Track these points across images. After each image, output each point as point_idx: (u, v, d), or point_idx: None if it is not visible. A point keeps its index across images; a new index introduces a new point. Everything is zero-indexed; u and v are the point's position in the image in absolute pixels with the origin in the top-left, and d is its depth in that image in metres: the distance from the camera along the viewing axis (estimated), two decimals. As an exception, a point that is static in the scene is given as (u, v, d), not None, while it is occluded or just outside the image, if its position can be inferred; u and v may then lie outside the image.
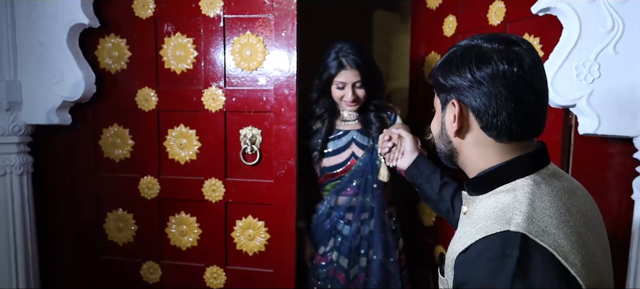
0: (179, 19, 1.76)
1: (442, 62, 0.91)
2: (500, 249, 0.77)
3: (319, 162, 1.78)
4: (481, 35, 0.88)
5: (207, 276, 1.84)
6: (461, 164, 0.96)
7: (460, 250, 0.83)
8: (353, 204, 1.77)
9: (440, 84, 0.90)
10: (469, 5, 1.87)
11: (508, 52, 0.82)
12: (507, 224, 0.79)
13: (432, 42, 2.16)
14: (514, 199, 0.83)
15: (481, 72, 0.84)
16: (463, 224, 0.92)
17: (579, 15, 1.32)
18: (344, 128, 1.79)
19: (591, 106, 1.34)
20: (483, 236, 0.80)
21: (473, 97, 0.86)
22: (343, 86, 1.68)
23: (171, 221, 1.86)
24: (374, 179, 1.75)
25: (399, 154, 1.43)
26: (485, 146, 0.89)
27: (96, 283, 1.93)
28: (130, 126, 1.84)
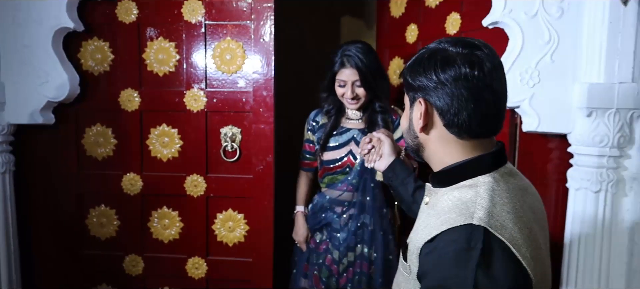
0: (162, 24, 1.86)
1: (411, 63, 0.96)
2: (465, 242, 0.81)
3: (319, 155, 1.87)
4: (448, 39, 0.93)
5: (189, 266, 1.95)
6: (427, 158, 1.01)
7: (426, 239, 0.87)
8: (345, 198, 1.84)
9: (409, 84, 0.95)
10: (429, 15, 2.06)
11: (470, 56, 0.88)
12: (470, 217, 0.84)
13: (396, 48, 2.35)
14: (476, 194, 0.88)
15: (445, 74, 0.89)
16: (426, 214, 0.97)
17: (522, 29, 1.52)
18: (347, 126, 1.85)
19: (533, 107, 1.55)
20: (448, 228, 0.84)
21: (437, 97, 0.90)
22: (344, 84, 1.75)
23: (154, 216, 1.95)
24: (372, 179, 1.81)
25: (377, 156, 1.47)
26: (448, 142, 0.94)
27: (78, 276, 1.99)
28: (113, 125, 1.92)
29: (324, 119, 1.88)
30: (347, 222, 1.85)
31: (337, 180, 1.85)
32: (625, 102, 1.46)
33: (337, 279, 1.86)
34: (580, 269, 1.53)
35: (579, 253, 1.53)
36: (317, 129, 1.88)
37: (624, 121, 1.48)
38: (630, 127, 1.48)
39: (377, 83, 1.78)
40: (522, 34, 1.53)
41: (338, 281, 1.86)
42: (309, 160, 1.94)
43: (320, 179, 1.92)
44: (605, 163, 1.50)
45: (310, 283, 1.90)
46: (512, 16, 1.54)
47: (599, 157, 1.50)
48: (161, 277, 1.98)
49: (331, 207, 1.86)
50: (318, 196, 1.92)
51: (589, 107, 1.48)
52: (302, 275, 1.93)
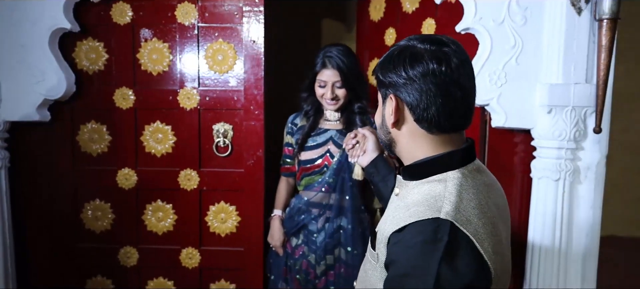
0: (156, 26, 1.95)
1: (382, 61, 0.98)
2: (431, 234, 0.83)
3: (297, 156, 1.87)
4: (417, 36, 0.95)
5: (183, 256, 2.05)
6: (398, 152, 1.03)
7: (394, 229, 0.89)
8: (320, 200, 1.83)
9: (381, 81, 0.97)
10: (406, 20, 2.22)
11: (438, 52, 0.88)
12: (438, 211, 0.85)
13: (375, 50, 2.50)
14: (445, 189, 0.90)
15: (414, 70, 0.90)
16: (395, 206, 0.99)
17: (491, 34, 1.70)
18: (325, 127, 1.86)
19: (500, 104, 1.72)
20: (417, 220, 0.86)
21: (407, 93, 0.92)
22: (324, 85, 1.76)
23: (148, 209, 2.04)
24: (349, 178, 1.80)
25: (361, 151, 1.48)
26: (419, 136, 0.95)
27: (74, 269, 2.06)
28: (108, 122, 2.00)
29: (302, 121, 1.89)
30: (324, 225, 1.84)
31: (314, 181, 1.84)
32: (580, 101, 1.65)
33: (314, 283, 1.85)
34: (543, 246, 1.72)
35: (543, 233, 1.72)
36: (295, 131, 1.89)
37: (579, 117, 1.67)
38: (584, 122, 1.68)
39: (356, 85, 1.81)
40: (491, 39, 1.70)
41: (315, 285, 1.86)
42: (289, 164, 1.93)
43: (298, 182, 1.91)
44: (563, 155, 1.69)
45: (291, 287, 1.91)
46: (482, 23, 1.71)
47: (558, 150, 1.69)
48: (156, 267, 2.06)
49: (308, 209, 1.85)
50: (295, 199, 1.91)
51: (549, 105, 1.67)
52: (281, 279, 1.93)
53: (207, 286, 2.07)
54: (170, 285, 2.07)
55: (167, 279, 2.07)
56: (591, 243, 1.76)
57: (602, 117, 1.63)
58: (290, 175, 1.95)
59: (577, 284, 1.76)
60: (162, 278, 2.07)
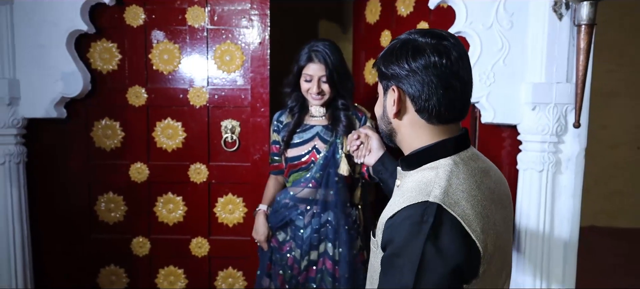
0: (167, 28, 2.06)
1: (384, 53, 1.00)
2: (419, 216, 0.87)
3: (284, 153, 1.87)
4: (417, 31, 0.97)
5: (193, 245, 2.17)
6: (399, 142, 1.06)
7: (389, 215, 0.93)
8: (307, 196, 1.82)
9: (382, 73, 1.00)
10: (401, 23, 2.36)
11: (438, 46, 0.92)
12: (427, 195, 0.89)
13: (371, 50, 2.64)
14: (436, 175, 0.93)
15: (416, 62, 0.93)
16: (394, 195, 1.02)
17: (480, 37, 1.84)
18: (311, 123, 1.85)
19: (489, 102, 1.87)
20: (407, 205, 0.90)
21: (409, 84, 0.95)
22: (310, 79, 1.75)
23: (159, 201, 2.15)
24: (335, 173, 1.80)
25: (366, 151, 1.50)
26: (419, 127, 0.98)
27: (88, 259, 2.17)
28: (121, 119, 2.11)
29: (288, 118, 1.88)
30: (310, 220, 1.83)
31: (301, 177, 1.83)
32: (561, 98, 1.81)
33: (297, 278, 1.85)
34: (529, 231, 1.88)
35: (528, 219, 1.88)
36: (281, 128, 1.88)
37: (561, 113, 1.83)
38: (565, 118, 1.84)
39: (341, 81, 1.79)
40: (480, 42, 1.85)
41: (298, 279, 1.85)
42: (277, 162, 1.92)
43: (286, 178, 1.91)
44: (546, 148, 1.85)
45: (275, 283, 1.90)
46: (472, 27, 1.85)
47: (542, 143, 1.84)
48: (167, 256, 2.18)
49: (295, 205, 1.83)
50: (281, 194, 1.89)
51: (534, 103, 1.82)
52: (265, 274, 1.93)
53: (215, 273, 2.20)
54: (181, 273, 2.19)
55: (178, 268, 2.19)
56: (572, 228, 1.92)
57: (581, 113, 1.79)
58: (279, 173, 1.94)
59: (559, 266, 1.92)
60: (173, 266, 2.19)
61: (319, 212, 1.82)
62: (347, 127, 1.80)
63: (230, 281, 2.20)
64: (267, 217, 1.90)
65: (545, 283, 1.91)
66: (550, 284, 1.92)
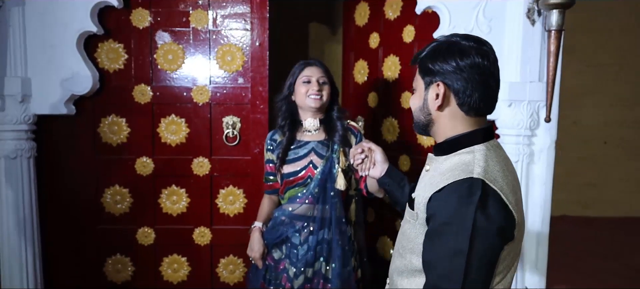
0: (172, 29, 2.19)
1: (429, 52, 1.12)
2: (466, 190, 1.00)
3: (279, 170, 1.84)
4: (458, 35, 1.11)
5: (196, 235, 2.30)
6: (434, 132, 1.17)
7: (435, 190, 1.05)
8: (304, 212, 1.80)
9: (428, 69, 1.11)
10: (388, 26, 2.53)
11: (480, 49, 1.05)
12: (470, 173, 1.02)
13: (360, 52, 2.80)
14: (474, 157, 1.06)
15: (463, 62, 1.05)
16: (428, 177, 1.15)
17: (462, 41, 2.03)
18: (305, 139, 1.84)
19: (470, 99, 2.06)
20: (453, 181, 1.03)
21: (455, 81, 1.07)
22: (308, 80, 1.77)
23: (163, 193, 2.28)
24: (332, 188, 1.79)
25: (371, 164, 1.53)
26: (457, 118, 1.11)
27: (94, 249, 2.28)
28: (127, 115, 2.23)
29: (281, 137, 1.87)
30: (307, 237, 1.80)
31: (297, 193, 1.82)
32: (534, 96, 2.01)
33: None
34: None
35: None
36: (276, 147, 1.87)
37: (534, 110, 2.03)
38: (537, 114, 2.04)
39: (334, 89, 1.85)
40: (463, 44, 2.04)
41: None
42: (272, 181, 1.91)
43: (281, 196, 1.89)
44: (521, 141, 2.05)
45: None
46: (455, 31, 2.03)
47: (517, 136, 2.04)
48: (171, 245, 2.31)
49: (291, 222, 1.81)
50: (278, 211, 1.87)
51: (510, 100, 2.02)
52: None
53: (217, 260, 2.33)
54: (184, 261, 2.32)
55: (181, 256, 2.32)
56: (544, 215, 2.13)
57: (552, 109, 1.99)
58: (273, 192, 1.93)
59: (533, 251, 2.12)
60: (177, 254, 2.32)
61: (316, 229, 1.80)
62: (343, 138, 1.81)
63: (231, 268, 2.34)
64: (263, 234, 1.87)
65: (519, 267, 2.10)
66: (524, 268, 2.13)
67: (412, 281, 1.15)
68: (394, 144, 2.49)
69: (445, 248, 1.01)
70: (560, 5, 1.80)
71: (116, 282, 2.31)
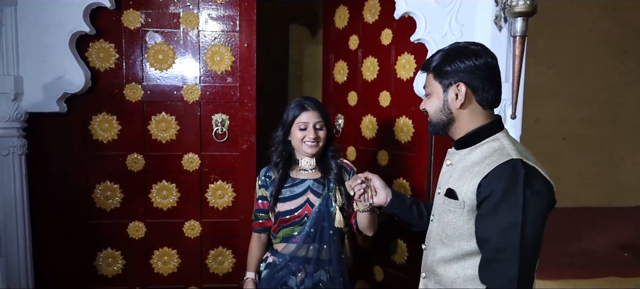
0: (162, 30, 2.28)
1: (444, 57, 1.25)
2: (511, 170, 1.13)
3: (273, 208, 1.83)
4: (461, 42, 1.27)
5: (186, 228, 2.39)
6: (454, 128, 1.29)
7: (481, 177, 1.17)
8: (300, 253, 1.78)
9: (446, 72, 1.23)
10: (367, 28, 2.69)
11: (488, 51, 1.22)
12: (508, 156, 1.15)
13: (340, 53, 2.94)
14: (501, 144, 1.20)
15: (479, 61, 1.19)
16: (458, 169, 1.26)
17: (437, 44, 2.20)
18: (301, 177, 1.84)
19: (444, 98, 2.24)
20: (496, 166, 1.15)
21: (474, 79, 1.20)
22: (305, 127, 1.75)
23: (154, 188, 2.36)
24: (330, 226, 1.78)
25: (373, 192, 1.58)
26: (476, 113, 1.24)
27: (86, 243, 2.33)
28: (118, 113, 2.29)
29: (275, 174, 1.86)
30: (303, 279, 1.77)
31: (293, 232, 1.80)
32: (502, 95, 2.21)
33: None
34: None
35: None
36: (269, 184, 1.86)
37: (501, 108, 2.21)
38: (504, 111, 2.23)
39: (329, 130, 1.83)
40: (437, 48, 2.21)
41: None
42: (263, 219, 1.89)
43: (273, 234, 1.86)
44: (490, 136, 2.24)
45: None
46: (430, 35, 2.21)
47: (486, 132, 2.23)
48: (161, 239, 2.39)
49: (286, 264, 1.79)
50: (274, 256, 1.84)
51: (480, 98, 2.21)
52: None
53: (207, 252, 2.43)
54: (174, 253, 2.41)
55: (171, 248, 2.41)
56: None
57: (517, 107, 2.20)
58: (264, 231, 1.91)
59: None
60: (167, 247, 2.40)
61: (311, 271, 1.77)
62: (338, 176, 1.83)
63: (220, 259, 2.44)
64: (256, 285, 1.86)
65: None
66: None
67: (463, 265, 1.27)
68: (373, 141, 2.65)
69: (501, 224, 1.14)
70: (524, 13, 2.00)
71: (107, 276, 2.37)
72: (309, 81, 3.55)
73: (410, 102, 2.36)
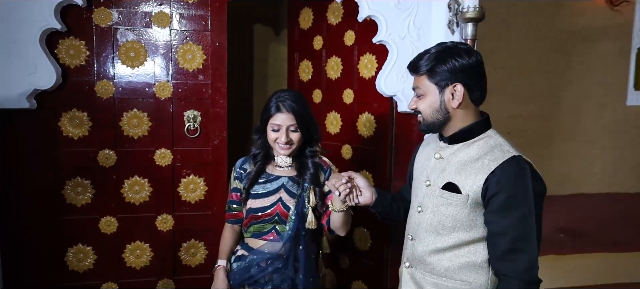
0: (134, 28, 2.32)
1: (436, 57, 1.26)
2: (517, 166, 1.19)
3: (245, 203, 1.80)
4: (447, 42, 1.31)
5: (159, 221, 2.45)
6: (448, 127, 1.32)
7: (488, 173, 1.22)
8: (270, 249, 1.75)
9: (441, 72, 1.26)
10: (331, 30, 2.84)
11: (474, 50, 1.27)
12: (509, 153, 1.21)
13: (304, 53, 3.08)
14: (497, 140, 1.26)
15: (471, 60, 1.22)
16: (450, 164, 1.31)
17: (397, 45, 2.39)
18: (276, 174, 1.80)
19: (404, 95, 2.42)
20: (501, 163, 1.21)
21: (469, 77, 1.22)
22: (278, 129, 1.69)
23: (126, 183, 2.40)
24: (303, 227, 1.75)
25: (358, 191, 1.56)
26: (469, 110, 1.28)
27: (57, 239, 2.34)
28: (89, 110, 2.32)
29: (251, 166, 1.82)
30: (272, 276, 1.75)
31: (264, 229, 1.77)
32: (454, 93, 2.42)
33: None
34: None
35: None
36: (244, 176, 1.82)
37: (454, 104, 2.44)
38: (457, 107, 2.46)
39: (308, 129, 1.75)
40: (397, 49, 2.39)
41: None
42: (236, 210, 1.86)
43: (245, 228, 1.84)
44: (445, 130, 2.45)
45: None
46: (390, 37, 2.39)
47: (441, 126, 2.44)
48: (134, 232, 2.43)
49: (256, 261, 1.76)
50: (245, 251, 1.82)
51: (435, 96, 2.41)
52: None
53: (179, 245, 2.50)
54: (147, 247, 2.46)
55: (144, 242, 2.46)
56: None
57: (468, 104, 2.41)
58: (237, 222, 1.88)
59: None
60: (140, 241, 2.45)
61: (281, 268, 1.74)
62: (314, 177, 1.78)
63: (192, 251, 2.52)
64: (228, 273, 1.83)
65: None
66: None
67: (457, 253, 1.33)
68: (337, 136, 2.81)
69: (516, 216, 1.22)
70: (474, 19, 2.21)
71: (78, 271, 2.39)
72: (273, 79, 3.67)
73: (372, 99, 2.53)
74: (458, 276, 1.34)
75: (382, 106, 2.53)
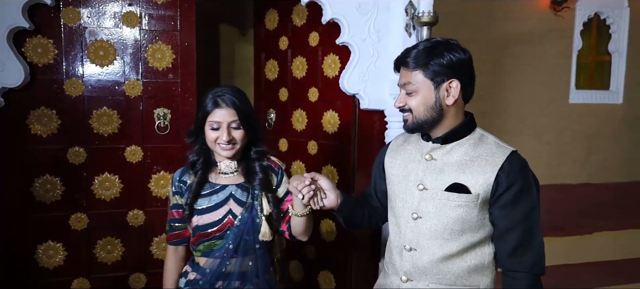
0: (104, 29, 2.37)
1: (430, 52, 1.20)
2: (519, 160, 1.21)
3: (189, 221, 1.59)
4: (438, 38, 1.25)
5: (130, 217, 2.50)
6: (439, 125, 1.27)
7: (497, 169, 1.21)
8: (227, 270, 1.56)
9: (436, 69, 1.20)
10: (296, 31, 2.96)
11: (464, 46, 1.22)
12: (508, 149, 1.23)
13: (270, 52, 3.18)
14: (489, 137, 1.26)
15: (466, 56, 1.19)
16: (448, 164, 1.27)
17: (359, 47, 2.54)
18: (222, 182, 1.59)
19: (366, 93, 2.58)
20: (506, 158, 1.21)
21: (464, 73, 1.19)
22: (218, 127, 1.50)
23: (96, 180, 2.44)
24: (255, 239, 1.56)
25: (322, 194, 1.43)
26: (460, 107, 1.25)
27: (27, 236, 2.35)
28: (57, 108, 2.34)
29: (191, 177, 1.61)
30: None
31: (215, 246, 1.56)
32: (412, 91, 2.61)
33: None
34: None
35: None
36: (185, 190, 1.60)
37: (412, 101, 2.62)
38: (414, 104, 2.64)
39: (252, 126, 1.56)
40: (359, 50, 2.55)
41: None
42: (179, 229, 1.65)
43: (193, 246, 1.62)
44: (403, 125, 2.62)
45: None
46: (353, 39, 2.54)
47: (401, 123, 2.61)
48: (105, 228, 2.47)
49: (209, 281, 1.56)
50: (196, 273, 1.60)
51: (392, 94, 2.58)
52: None
53: (151, 239, 2.56)
54: (118, 242, 2.51)
55: (115, 238, 2.50)
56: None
57: (424, 101, 2.60)
58: (181, 242, 1.67)
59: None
60: (111, 236, 2.49)
61: (236, 286, 1.57)
62: (264, 181, 1.59)
63: (164, 245, 2.58)
64: None
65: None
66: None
67: (466, 258, 1.29)
68: (303, 132, 2.94)
69: (525, 209, 1.24)
70: (429, 23, 2.40)
71: (48, 267, 2.41)
72: (240, 77, 3.76)
73: (336, 97, 2.68)
74: (468, 281, 1.30)
75: (346, 104, 2.68)
